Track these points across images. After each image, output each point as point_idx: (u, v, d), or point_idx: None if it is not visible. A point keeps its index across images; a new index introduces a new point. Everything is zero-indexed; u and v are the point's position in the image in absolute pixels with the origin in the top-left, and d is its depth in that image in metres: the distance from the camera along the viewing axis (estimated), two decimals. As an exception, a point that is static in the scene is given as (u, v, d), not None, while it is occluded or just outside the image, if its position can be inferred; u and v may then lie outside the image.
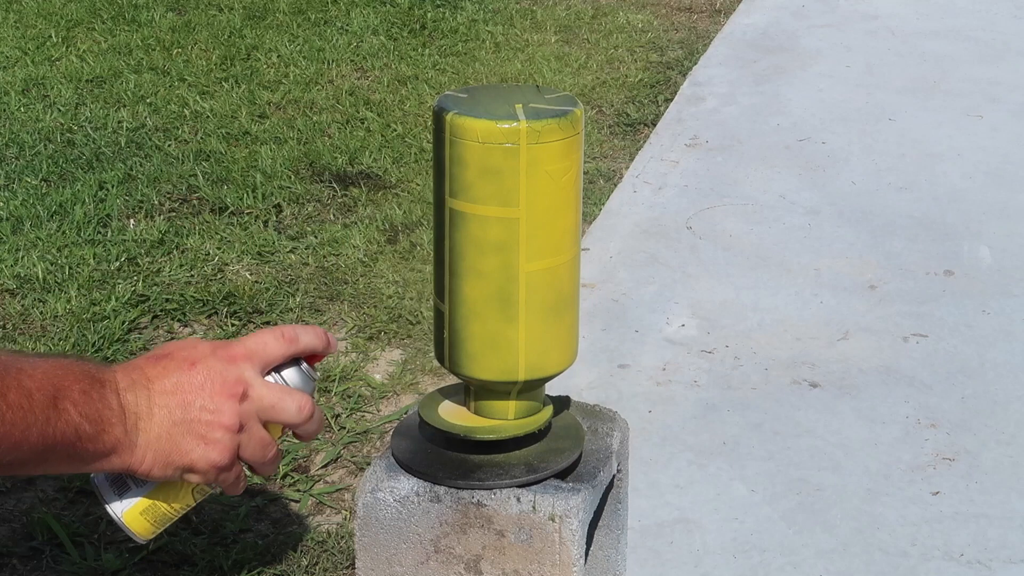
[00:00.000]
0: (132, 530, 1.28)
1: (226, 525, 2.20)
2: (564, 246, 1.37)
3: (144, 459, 1.21)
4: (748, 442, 2.42)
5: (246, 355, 1.24)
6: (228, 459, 1.23)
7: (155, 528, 1.29)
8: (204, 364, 1.22)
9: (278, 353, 1.26)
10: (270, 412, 1.24)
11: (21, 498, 2.27)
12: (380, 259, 3.10)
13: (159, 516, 1.29)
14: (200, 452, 1.22)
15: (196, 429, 1.21)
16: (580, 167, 1.37)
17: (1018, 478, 2.34)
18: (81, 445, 1.16)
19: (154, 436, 1.20)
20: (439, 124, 1.34)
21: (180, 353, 1.23)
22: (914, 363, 2.69)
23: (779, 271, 3.09)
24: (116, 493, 1.27)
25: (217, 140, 3.80)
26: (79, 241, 3.18)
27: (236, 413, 1.22)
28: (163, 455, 1.21)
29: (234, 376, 1.22)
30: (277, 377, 1.27)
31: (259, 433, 1.25)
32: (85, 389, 1.16)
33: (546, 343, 1.39)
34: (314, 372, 1.30)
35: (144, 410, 1.20)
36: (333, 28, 4.85)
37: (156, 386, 1.21)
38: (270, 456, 1.27)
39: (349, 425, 2.49)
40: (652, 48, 4.73)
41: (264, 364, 1.25)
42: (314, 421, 1.27)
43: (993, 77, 4.38)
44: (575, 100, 1.37)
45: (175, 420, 1.20)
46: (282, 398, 1.25)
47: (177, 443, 1.21)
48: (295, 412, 1.25)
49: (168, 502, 1.28)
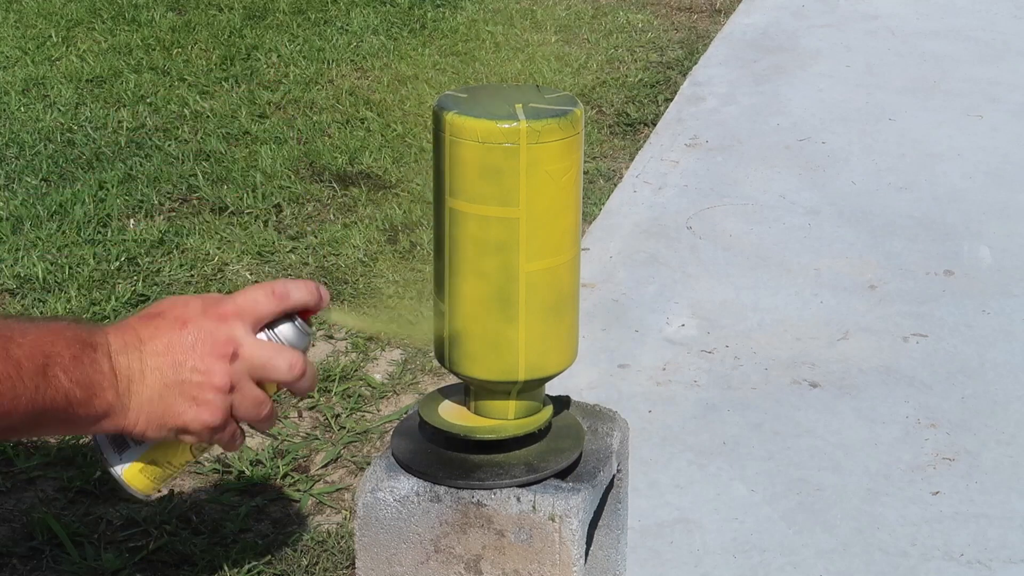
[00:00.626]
0: (133, 487, 1.29)
1: (226, 525, 2.20)
2: (564, 246, 1.37)
3: (138, 421, 1.21)
4: (748, 442, 2.42)
5: (236, 313, 1.23)
6: (221, 419, 1.23)
7: (156, 485, 1.30)
8: (195, 324, 1.22)
9: (268, 310, 1.26)
10: (261, 371, 1.24)
11: (21, 498, 2.27)
12: (380, 259, 3.10)
13: (159, 473, 1.29)
14: (192, 413, 1.22)
15: (188, 391, 1.21)
16: (580, 167, 1.37)
17: (1018, 478, 2.34)
18: (72, 411, 1.17)
19: (146, 399, 1.20)
20: (439, 124, 1.34)
21: (172, 312, 1.23)
22: (914, 363, 2.69)
23: (779, 271, 3.09)
24: (116, 452, 1.27)
25: (217, 140, 3.80)
26: (79, 241, 3.18)
27: (227, 373, 1.22)
28: (156, 417, 1.21)
29: (224, 336, 1.22)
30: (270, 334, 1.26)
31: (252, 392, 1.24)
32: (76, 354, 1.16)
33: (546, 343, 1.39)
34: (308, 327, 1.29)
35: (136, 373, 1.20)
36: (333, 28, 4.85)
37: (148, 347, 1.21)
38: (264, 414, 1.27)
39: (349, 425, 2.49)
40: (652, 48, 4.73)
41: (255, 321, 1.25)
42: (307, 378, 1.27)
43: (993, 77, 4.38)
44: (575, 100, 1.37)
45: (167, 382, 1.21)
46: (272, 356, 1.24)
47: (169, 405, 1.21)
48: (286, 370, 1.25)
49: (167, 459, 1.29)
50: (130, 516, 2.21)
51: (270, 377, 1.25)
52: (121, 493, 1.32)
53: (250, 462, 2.36)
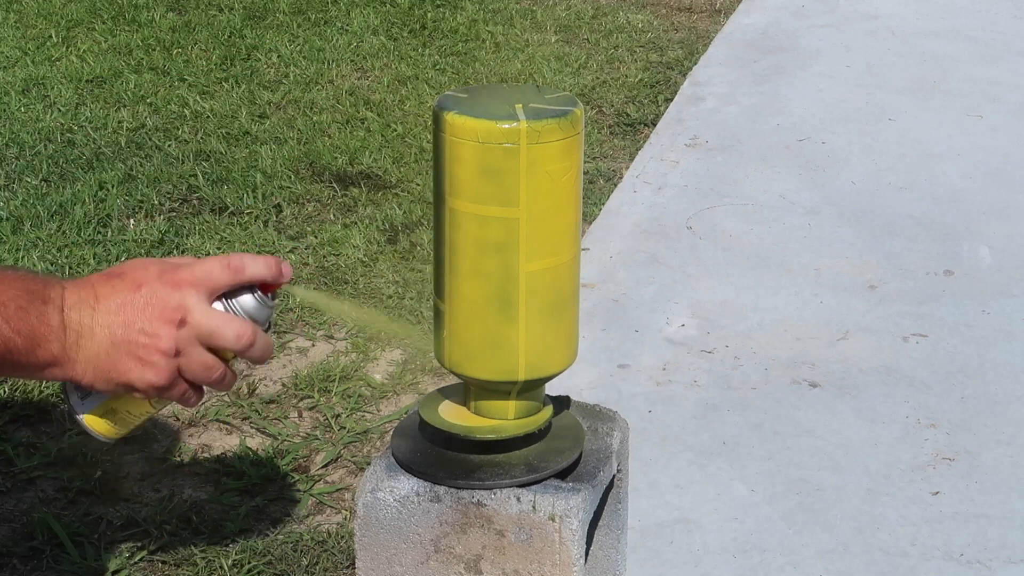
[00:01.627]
0: (95, 431, 1.34)
1: (226, 525, 2.20)
2: (564, 246, 1.37)
3: (85, 373, 1.26)
4: (748, 442, 2.43)
5: (191, 281, 1.28)
6: (165, 380, 1.28)
7: (119, 430, 1.35)
8: (149, 287, 1.26)
9: (223, 281, 1.30)
10: (209, 338, 1.28)
11: (21, 498, 2.27)
12: (380, 259, 3.11)
13: (121, 420, 1.34)
14: (138, 372, 1.27)
15: (134, 351, 1.26)
16: (580, 167, 1.37)
17: (1018, 478, 2.34)
18: (12, 357, 1.22)
19: (93, 353, 1.25)
20: (439, 124, 1.34)
21: (131, 274, 1.28)
22: (914, 363, 2.69)
23: (779, 271, 3.09)
24: (80, 397, 1.33)
25: (217, 140, 3.80)
26: (79, 241, 3.18)
27: (173, 338, 1.26)
28: (103, 372, 1.26)
29: (175, 302, 1.27)
30: (227, 304, 1.31)
31: (200, 357, 1.28)
32: (23, 305, 1.22)
33: (546, 343, 1.39)
34: (269, 299, 1.33)
35: (87, 328, 1.25)
36: (333, 28, 4.85)
37: (102, 305, 1.26)
38: (215, 377, 1.30)
39: (349, 425, 2.50)
40: (652, 48, 4.73)
41: (210, 291, 1.29)
42: (257, 347, 1.31)
43: (993, 77, 4.38)
44: (575, 100, 1.37)
45: (115, 340, 1.25)
46: (221, 325, 1.28)
47: (115, 362, 1.26)
48: (233, 339, 1.29)
49: (126, 408, 1.34)
50: (130, 516, 2.22)
51: (218, 344, 1.29)
52: (89, 439, 1.37)
53: (250, 462, 2.36)
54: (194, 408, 1.39)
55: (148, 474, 2.35)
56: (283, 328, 2.82)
